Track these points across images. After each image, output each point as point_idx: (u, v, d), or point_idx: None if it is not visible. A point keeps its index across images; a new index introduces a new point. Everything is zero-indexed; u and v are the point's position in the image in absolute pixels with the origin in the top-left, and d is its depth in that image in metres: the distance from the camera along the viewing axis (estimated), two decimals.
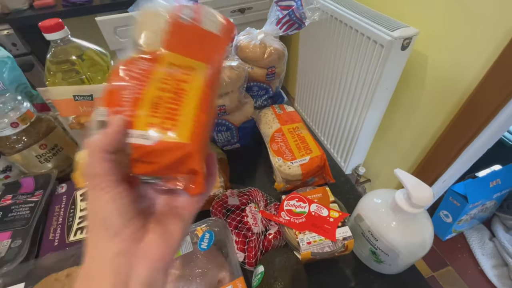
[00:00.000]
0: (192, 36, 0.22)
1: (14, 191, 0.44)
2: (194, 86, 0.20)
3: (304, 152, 0.43)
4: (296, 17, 0.44)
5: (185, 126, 0.19)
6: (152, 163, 0.19)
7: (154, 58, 0.20)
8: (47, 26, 0.42)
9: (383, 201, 0.32)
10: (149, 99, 0.19)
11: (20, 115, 0.42)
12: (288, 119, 0.48)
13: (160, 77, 0.20)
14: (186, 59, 0.21)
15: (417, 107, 0.90)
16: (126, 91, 0.19)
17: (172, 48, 0.21)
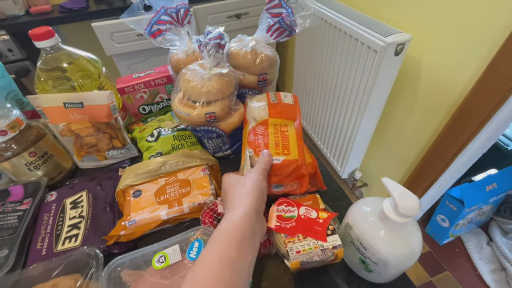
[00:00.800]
0: (279, 108, 0.44)
1: (2, 199, 0.44)
2: (291, 132, 0.42)
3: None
4: (286, 25, 0.44)
5: (294, 150, 0.39)
6: (279, 175, 0.38)
7: (264, 123, 0.42)
8: (37, 34, 0.42)
9: (372, 209, 0.32)
10: (272, 142, 0.40)
11: (9, 122, 0.42)
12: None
13: (272, 131, 0.41)
14: (282, 120, 0.43)
15: (412, 111, 0.90)
16: (259, 140, 0.40)
17: (272, 116, 0.43)
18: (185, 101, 0.43)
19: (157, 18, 0.49)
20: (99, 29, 1.16)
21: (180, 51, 0.52)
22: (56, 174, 0.49)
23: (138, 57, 1.31)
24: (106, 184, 0.48)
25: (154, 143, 0.50)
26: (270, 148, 0.38)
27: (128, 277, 0.36)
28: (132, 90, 0.54)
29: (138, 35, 1.24)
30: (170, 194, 0.43)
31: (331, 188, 0.47)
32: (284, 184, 0.39)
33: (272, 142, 0.39)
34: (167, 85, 0.57)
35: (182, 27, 0.50)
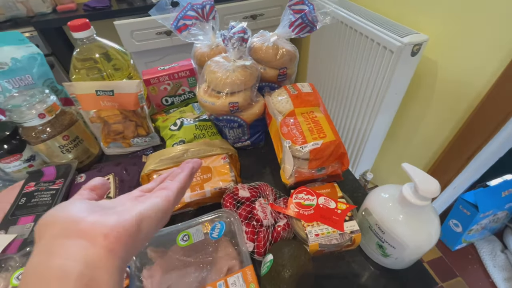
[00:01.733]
0: (301, 97, 0.46)
1: (37, 179, 0.47)
2: (320, 117, 0.43)
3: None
4: (308, 20, 0.46)
5: (329, 132, 0.40)
6: (320, 158, 0.39)
7: (292, 114, 0.44)
8: (76, 25, 0.45)
9: (390, 195, 0.33)
10: (306, 130, 0.41)
11: (46, 107, 0.45)
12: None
13: (302, 120, 0.43)
14: (308, 108, 0.44)
15: (426, 113, 0.90)
16: (293, 131, 0.41)
17: (298, 106, 0.44)
18: (209, 91, 0.45)
19: (183, 13, 0.52)
20: (121, 27, 1.21)
21: (204, 45, 0.54)
22: (85, 158, 0.52)
23: (155, 55, 1.36)
24: (131, 169, 0.50)
25: (177, 131, 0.52)
26: (306, 135, 0.40)
27: (153, 254, 0.38)
28: (157, 81, 0.57)
29: (157, 34, 1.28)
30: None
31: (347, 180, 0.48)
32: (326, 166, 0.41)
33: (306, 129, 0.41)
34: (189, 78, 0.59)
35: (207, 22, 0.53)
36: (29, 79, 0.49)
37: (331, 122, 0.42)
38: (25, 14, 1.23)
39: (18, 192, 0.45)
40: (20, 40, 0.49)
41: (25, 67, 0.49)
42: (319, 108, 0.44)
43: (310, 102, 0.45)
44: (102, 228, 0.19)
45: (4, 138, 0.45)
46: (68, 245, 0.18)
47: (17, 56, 0.48)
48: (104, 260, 0.18)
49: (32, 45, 0.51)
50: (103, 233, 0.18)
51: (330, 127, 0.41)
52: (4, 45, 0.47)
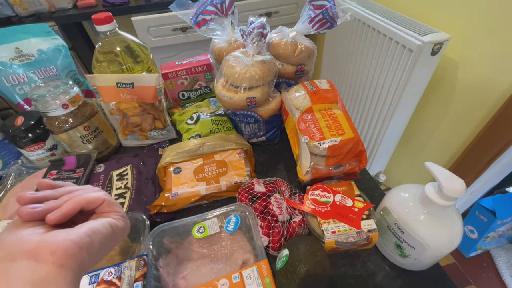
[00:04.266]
0: (320, 94, 0.45)
1: (58, 168, 0.48)
2: (338, 114, 0.42)
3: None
4: (329, 16, 0.45)
5: (348, 130, 0.39)
6: (338, 155, 0.39)
7: (309, 110, 0.43)
8: (99, 18, 0.46)
9: (410, 194, 0.32)
10: (324, 126, 0.40)
11: (70, 97, 0.46)
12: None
13: (320, 116, 0.42)
14: (325, 105, 0.44)
15: (445, 115, 0.88)
16: (311, 127, 0.41)
17: (315, 102, 0.44)
18: (228, 86, 0.45)
19: (203, 8, 0.52)
20: (138, 23, 1.23)
21: (222, 40, 0.54)
22: (104, 149, 0.53)
23: (170, 51, 1.37)
24: (148, 161, 0.51)
25: (194, 125, 0.53)
26: (324, 132, 0.39)
27: (169, 244, 0.38)
28: (175, 76, 0.58)
29: (173, 30, 1.29)
30: (208, 173, 0.46)
31: (364, 179, 0.47)
32: (343, 163, 0.40)
33: (324, 126, 0.40)
34: (206, 73, 0.60)
35: (226, 18, 0.53)
36: (53, 70, 0.51)
37: (349, 119, 0.41)
38: (47, 9, 1.26)
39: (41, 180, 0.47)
40: (46, 32, 0.51)
41: (50, 58, 0.50)
42: (337, 105, 0.43)
43: (328, 99, 0.44)
44: (48, 246, 0.19)
45: (29, 127, 0.47)
46: (13, 268, 0.18)
47: (43, 48, 0.49)
48: (53, 276, 0.18)
49: (58, 37, 0.52)
50: (50, 250, 0.19)
51: (349, 124, 0.40)
52: (32, 37, 0.49)
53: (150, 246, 0.36)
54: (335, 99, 0.45)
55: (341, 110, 0.43)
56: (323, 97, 0.45)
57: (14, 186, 0.47)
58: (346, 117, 0.41)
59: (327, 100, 0.44)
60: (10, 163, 0.50)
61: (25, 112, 0.49)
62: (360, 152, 0.39)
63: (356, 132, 0.39)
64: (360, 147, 0.39)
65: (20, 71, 0.49)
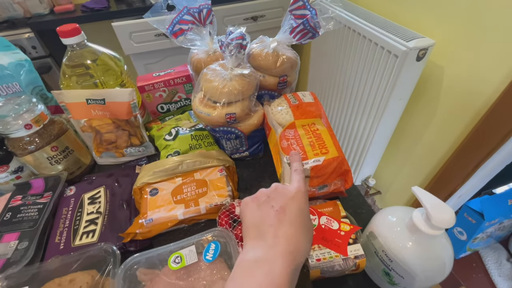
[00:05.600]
0: (302, 107, 0.43)
1: (24, 192, 0.45)
2: (322, 130, 0.40)
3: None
4: (310, 26, 0.43)
5: (332, 148, 0.37)
6: (322, 175, 0.37)
7: (292, 126, 0.41)
8: (65, 31, 0.43)
9: (398, 219, 0.30)
10: (307, 144, 0.38)
11: (34, 117, 0.42)
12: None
13: (303, 133, 0.40)
14: (309, 120, 0.41)
15: (432, 119, 0.88)
16: (293, 145, 0.38)
17: (298, 117, 0.41)
18: (205, 101, 0.43)
19: (179, 17, 0.49)
20: (119, 28, 1.19)
21: (201, 51, 0.52)
22: (76, 169, 0.50)
23: (154, 57, 1.34)
24: (123, 181, 0.48)
25: (172, 142, 0.50)
26: (307, 150, 0.37)
27: (143, 276, 0.35)
28: (152, 88, 0.55)
29: (156, 35, 1.26)
30: (186, 194, 0.43)
31: (351, 195, 0.45)
32: (328, 183, 0.38)
33: (307, 144, 0.38)
34: (186, 85, 0.57)
35: (204, 27, 0.51)
36: (16, 86, 0.47)
37: (333, 136, 0.39)
38: (22, 15, 1.21)
39: (4, 206, 0.43)
40: (5, 46, 0.47)
41: (12, 74, 0.46)
42: (321, 120, 0.41)
43: (312, 113, 0.42)
44: None
45: None
46: None
47: (4, 63, 0.45)
48: None
49: (19, 52, 0.48)
50: None
51: (333, 142, 0.38)
52: None
53: (122, 281, 0.33)
54: (319, 113, 0.43)
55: (325, 125, 0.41)
56: (307, 111, 0.42)
57: None
58: (330, 134, 0.39)
59: (311, 114, 0.42)
60: None
61: None
62: (345, 171, 0.37)
63: (341, 151, 0.37)
64: (345, 167, 0.37)
65: None
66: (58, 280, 0.34)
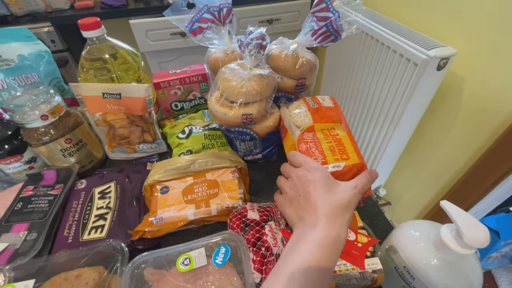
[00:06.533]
0: (322, 111, 0.41)
1: (36, 183, 0.45)
2: (342, 135, 0.38)
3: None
4: (333, 29, 0.42)
5: (353, 154, 0.35)
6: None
7: (311, 129, 0.39)
8: (86, 24, 0.43)
9: (422, 234, 0.29)
10: (326, 149, 0.36)
11: (50, 108, 0.42)
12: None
13: (322, 137, 0.38)
14: (328, 124, 0.39)
15: (450, 130, 0.85)
16: (312, 149, 0.36)
17: (317, 121, 0.39)
18: (222, 100, 0.42)
19: (199, 15, 0.49)
20: (136, 26, 1.21)
21: (218, 50, 0.51)
22: (87, 162, 0.50)
23: (168, 56, 1.35)
24: (134, 177, 0.47)
25: (185, 140, 0.49)
26: (327, 155, 0.35)
27: (150, 276, 0.34)
28: (167, 85, 0.54)
29: (171, 34, 1.27)
30: (197, 194, 0.42)
31: (367, 205, 0.44)
32: None
33: (326, 148, 0.36)
34: (201, 83, 0.57)
35: (223, 26, 0.50)
36: (35, 77, 0.47)
37: (354, 142, 0.38)
38: (43, 9, 1.23)
39: (15, 196, 0.43)
40: (27, 37, 0.47)
41: (32, 65, 0.47)
42: (341, 125, 0.40)
43: (332, 118, 0.41)
44: None
45: (5, 138, 0.43)
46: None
47: (24, 53, 0.46)
48: None
49: (40, 43, 0.49)
50: None
51: (354, 148, 0.36)
52: (12, 41, 0.45)
53: (129, 280, 0.32)
54: (339, 118, 0.41)
55: (345, 131, 0.39)
56: (326, 115, 0.41)
57: None
58: (350, 139, 0.38)
59: (330, 119, 0.41)
60: None
61: (2, 121, 0.46)
62: None
63: (362, 157, 0.36)
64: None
65: None
66: (64, 274, 0.34)
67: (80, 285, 0.32)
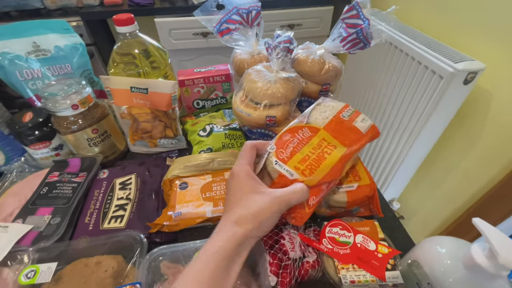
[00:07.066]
0: (344, 127, 0.35)
1: (61, 169, 0.46)
2: (331, 159, 0.32)
3: (352, 178, 0.38)
4: (363, 36, 0.42)
5: (315, 177, 0.31)
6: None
7: (314, 130, 0.34)
8: (120, 19, 0.45)
9: (448, 251, 0.28)
10: (302, 153, 0.32)
11: (81, 98, 0.44)
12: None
13: (314, 144, 0.33)
14: (334, 140, 0.34)
15: (473, 147, 0.82)
16: (292, 143, 0.32)
17: (327, 130, 0.34)
18: (247, 101, 0.42)
19: (228, 17, 0.50)
20: (161, 24, 1.24)
21: (244, 51, 0.52)
22: (110, 153, 0.51)
23: (189, 55, 1.37)
24: (154, 171, 0.48)
25: (206, 138, 0.50)
26: (293, 159, 0.31)
27: (166, 270, 0.35)
28: (192, 83, 0.55)
29: (194, 34, 1.29)
30: (215, 192, 0.42)
31: (386, 217, 0.42)
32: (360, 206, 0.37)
33: (301, 154, 0.31)
34: (224, 83, 0.57)
35: (251, 28, 0.51)
36: (68, 68, 0.49)
37: (338, 166, 0.32)
38: (74, 4, 1.29)
39: (42, 181, 0.44)
40: (65, 29, 0.49)
41: (67, 56, 0.49)
42: (345, 149, 0.33)
43: (343, 138, 0.34)
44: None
45: (36, 124, 0.45)
46: None
47: (61, 45, 0.48)
48: None
49: (76, 35, 0.51)
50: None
51: (329, 170, 0.31)
52: (50, 33, 0.47)
53: (146, 272, 0.33)
54: (351, 143, 0.34)
55: (342, 155, 0.33)
56: (342, 133, 0.34)
57: (14, 184, 0.45)
58: (336, 163, 0.32)
59: (341, 138, 0.34)
60: (13, 160, 0.48)
61: (34, 108, 0.48)
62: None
63: (320, 185, 0.31)
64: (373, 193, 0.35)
65: (35, 66, 0.47)
66: (85, 260, 0.35)
67: (99, 272, 0.33)
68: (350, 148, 0.34)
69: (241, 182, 0.29)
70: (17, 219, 0.39)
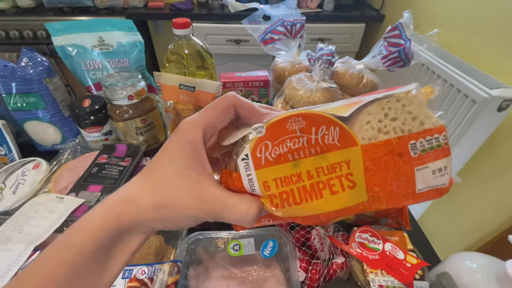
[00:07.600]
0: (400, 164, 0.17)
1: (109, 153, 0.51)
2: (327, 203, 0.18)
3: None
4: (405, 55, 0.44)
5: (284, 212, 0.17)
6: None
7: (346, 142, 0.17)
8: (179, 23, 0.49)
9: (480, 266, 0.29)
10: (294, 168, 0.17)
11: (136, 90, 0.49)
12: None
13: (325, 162, 0.17)
14: (361, 174, 0.17)
15: (499, 177, 0.80)
16: (291, 142, 0.17)
17: (367, 153, 0.17)
18: (287, 107, 0.45)
19: (273, 27, 0.54)
20: (198, 29, 1.31)
21: (285, 60, 0.55)
22: (153, 143, 0.55)
23: (220, 60, 1.43)
24: None
25: None
26: (269, 170, 0.18)
27: (202, 255, 0.38)
28: (232, 86, 0.59)
29: (227, 41, 1.35)
30: None
31: (414, 231, 0.43)
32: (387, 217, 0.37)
33: (290, 168, 0.17)
34: (261, 89, 0.61)
35: (293, 40, 0.54)
36: (125, 62, 0.55)
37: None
38: (121, 5, 1.39)
39: (92, 161, 0.49)
40: (129, 28, 0.55)
41: (126, 51, 0.54)
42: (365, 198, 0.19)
43: (384, 184, 0.18)
44: None
45: (94, 110, 0.50)
46: None
47: (122, 41, 0.53)
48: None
49: (138, 34, 0.56)
50: None
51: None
52: (116, 30, 0.53)
53: (184, 252, 0.36)
54: (382, 200, 0.19)
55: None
56: (388, 176, 0.18)
57: (67, 162, 0.50)
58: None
59: (383, 182, 0.18)
60: (68, 140, 0.53)
61: (93, 95, 0.53)
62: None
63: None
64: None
65: (97, 58, 0.53)
66: None
67: (143, 248, 0.36)
68: (374, 205, 0.18)
69: (177, 149, 0.18)
70: (71, 193, 0.43)
